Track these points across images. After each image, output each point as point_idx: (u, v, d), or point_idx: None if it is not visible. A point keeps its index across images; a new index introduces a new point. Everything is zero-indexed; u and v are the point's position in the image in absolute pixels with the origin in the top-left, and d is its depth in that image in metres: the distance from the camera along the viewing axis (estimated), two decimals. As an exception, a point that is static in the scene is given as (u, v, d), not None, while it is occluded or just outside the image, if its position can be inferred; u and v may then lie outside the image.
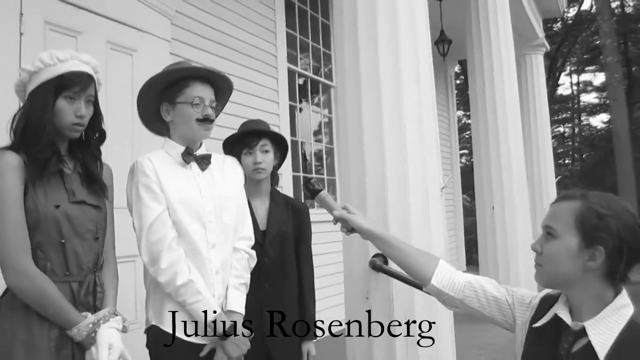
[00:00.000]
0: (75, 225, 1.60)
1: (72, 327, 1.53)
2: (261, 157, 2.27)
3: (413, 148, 2.75)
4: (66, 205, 1.59)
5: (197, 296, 1.75)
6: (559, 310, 1.34)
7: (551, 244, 1.33)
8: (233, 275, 1.91)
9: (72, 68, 1.62)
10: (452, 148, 10.10)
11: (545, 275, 1.36)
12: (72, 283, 1.59)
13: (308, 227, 2.49)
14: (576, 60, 25.92)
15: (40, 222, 1.54)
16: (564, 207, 1.33)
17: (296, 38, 5.71)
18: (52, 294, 1.51)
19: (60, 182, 1.61)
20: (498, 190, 5.81)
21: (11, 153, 1.55)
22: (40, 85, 1.60)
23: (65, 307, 1.53)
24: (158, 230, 1.76)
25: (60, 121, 1.62)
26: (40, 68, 1.60)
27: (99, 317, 1.58)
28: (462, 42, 7.09)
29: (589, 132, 26.84)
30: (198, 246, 1.81)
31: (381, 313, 2.67)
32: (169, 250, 1.75)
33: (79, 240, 1.61)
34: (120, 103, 3.18)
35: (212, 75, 1.93)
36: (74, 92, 1.62)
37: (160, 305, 1.82)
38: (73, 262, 1.59)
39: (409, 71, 2.80)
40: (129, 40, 3.39)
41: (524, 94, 8.54)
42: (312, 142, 6.11)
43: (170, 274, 1.74)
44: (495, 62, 5.90)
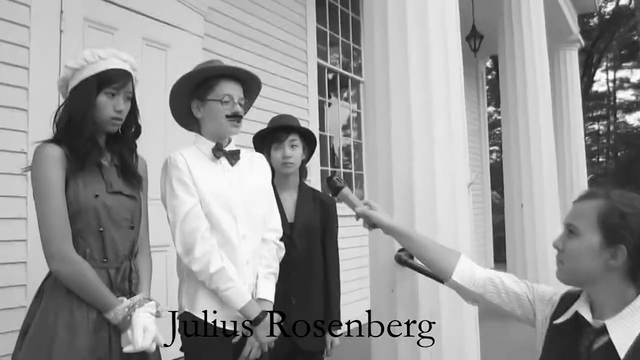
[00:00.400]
0: (113, 214, 1.68)
1: (110, 310, 1.61)
2: (290, 152, 2.34)
3: (441, 144, 2.76)
4: (104, 196, 1.67)
5: (229, 283, 1.82)
6: (580, 308, 1.35)
7: (573, 241, 1.34)
8: (263, 264, 1.97)
9: (113, 66, 1.71)
10: (482, 144, 10.00)
11: (566, 272, 1.37)
12: (110, 269, 1.68)
13: (335, 221, 2.55)
14: (613, 56, 25.25)
15: (80, 211, 1.62)
16: (586, 206, 1.34)
17: (326, 33, 5.74)
18: (92, 279, 1.60)
19: (98, 174, 1.70)
20: (527, 188, 5.74)
21: (53, 146, 1.64)
22: (83, 81, 1.68)
23: (104, 292, 1.62)
24: (191, 221, 1.83)
25: (101, 115, 1.70)
26: (83, 65, 1.68)
27: (134, 302, 1.66)
28: (494, 37, 7.01)
29: (625, 129, 26.15)
30: (229, 237, 1.88)
31: (406, 307, 2.69)
32: (202, 240, 1.82)
33: (116, 228, 1.69)
34: (154, 97, 3.27)
35: (241, 73, 1.99)
36: (114, 88, 1.70)
37: (193, 293, 1.89)
38: (110, 249, 1.67)
39: (438, 67, 2.80)
40: (163, 36, 3.48)
41: (557, 90, 8.40)
42: (341, 137, 6.14)
43: (204, 262, 1.81)
44: (527, 57, 5.82)
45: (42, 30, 2.82)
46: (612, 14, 22.54)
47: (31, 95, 2.73)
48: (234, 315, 1.87)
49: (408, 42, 2.80)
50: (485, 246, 9.83)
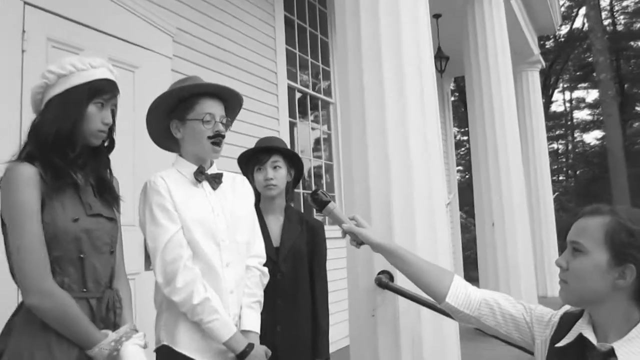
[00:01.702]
0: (94, 239, 1.55)
1: (94, 347, 1.46)
2: (272, 174, 2.28)
3: (418, 164, 2.74)
4: (84, 219, 1.54)
5: (214, 315, 1.72)
6: (584, 330, 1.30)
7: (578, 260, 1.28)
8: (246, 294, 1.88)
9: (104, 75, 1.60)
10: (449, 165, 10.11)
11: (571, 292, 1.31)
12: (90, 299, 1.54)
13: (323, 245, 2.48)
14: (569, 77, 26.15)
15: (58, 237, 1.48)
16: (592, 223, 1.29)
17: (296, 55, 5.72)
18: (74, 313, 1.45)
19: (75, 195, 1.56)
20: (498, 206, 5.80)
21: (26, 165, 1.48)
22: (72, 89, 1.55)
23: (88, 327, 1.47)
24: (173, 249, 1.73)
25: (88, 127, 1.57)
26: (71, 72, 1.55)
27: (120, 335, 1.52)
28: (458, 59, 7.14)
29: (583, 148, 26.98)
30: (213, 265, 1.79)
31: (387, 330, 2.64)
32: (185, 269, 1.73)
33: (97, 254, 1.56)
34: (122, 119, 3.16)
35: (223, 91, 1.91)
36: (104, 99, 1.60)
37: (173, 325, 1.78)
38: (91, 278, 1.54)
39: (413, 86, 2.80)
40: (131, 57, 3.38)
41: (520, 110, 8.57)
42: (312, 158, 6.09)
43: (187, 292, 1.71)
44: (493, 78, 5.93)
45: (2, 50, 2.69)
46: (566, 37, 23.38)
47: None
48: (218, 349, 1.76)
49: (382, 61, 2.79)
50: (455, 265, 9.86)
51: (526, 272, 5.71)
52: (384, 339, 2.64)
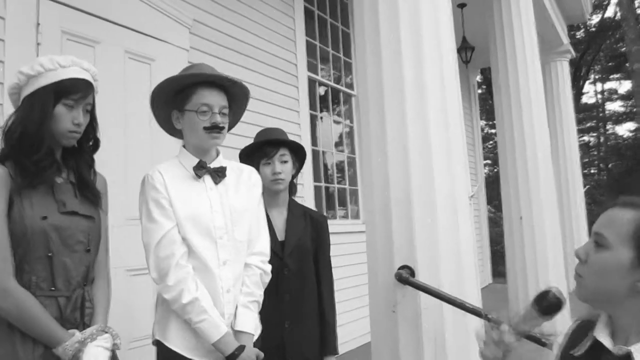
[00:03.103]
0: (65, 237, 1.53)
1: (58, 346, 1.45)
2: (280, 168, 2.21)
3: (439, 156, 2.65)
4: (55, 217, 1.52)
5: (203, 315, 1.68)
6: (599, 333, 1.18)
7: (600, 254, 1.15)
8: (243, 293, 1.82)
9: (73, 75, 1.57)
10: (476, 158, 9.92)
11: (585, 288, 1.18)
12: (59, 298, 1.52)
13: (327, 238, 2.43)
14: (600, 68, 25.49)
15: (25, 234, 1.47)
16: (622, 215, 1.15)
17: (316, 47, 5.64)
18: (35, 312, 1.45)
19: (49, 193, 1.55)
20: (525, 200, 5.63)
21: None
22: (39, 89, 1.53)
23: (50, 325, 1.46)
24: (166, 246, 1.70)
25: (57, 128, 1.56)
26: (39, 72, 1.54)
27: (85, 335, 1.50)
28: (485, 49, 6.96)
29: (615, 141, 26.30)
30: (208, 263, 1.74)
31: (408, 327, 2.56)
32: (177, 267, 1.69)
33: (68, 252, 1.54)
34: (139, 112, 3.13)
35: (223, 80, 1.83)
36: (74, 99, 1.57)
37: (165, 322, 1.76)
38: (60, 276, 1.52)
39: (434, 78, 2.71)
40: (147, 49, 3.35)
41: (549, 101, 8.34)
42: (334, 152, 6.01)
43: (177, 291, 1.68)
44: (520, 68, 5.75)
45: (17, 43, 2.68)
46: (598, 26, 22.76)
47: (6, 111, 2.58)
48: (208, 348, 1.71)
49: (402, 53, 2.70)
50: (483, 260, 9.69)
51: (555, 267, 5.54)
52: (405, 336, 2.56)
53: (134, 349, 2.97)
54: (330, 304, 2.35)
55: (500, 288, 8.35)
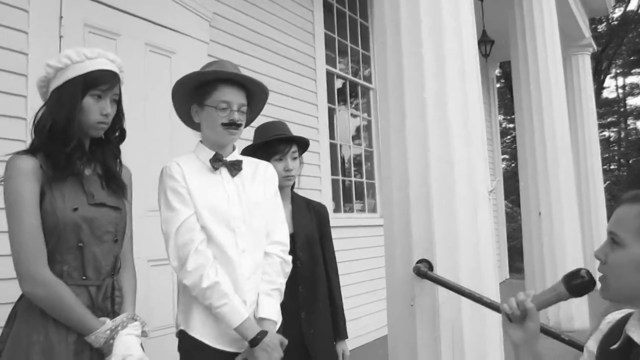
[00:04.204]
0: (94, 228, 1.56)
1: (90, 334, 1.49)
2: (292, 164, 2.25)
3: (459, 149, 2.64)
4: (85, 208, 1.55)
5: (223, 299, 1.68)
6: (630, 328, 1.17)
7: (616, 253, 1.16)
8: (265, 280, 1.83)
9: (100, 66, 1.59)
10: (494, 152, 9.84)
11: (609, 288, 1.18)
12: (90, 287, 1.55)
13: (329, 227, 2.47)
14: (622, 62, 25.04)
15: (57, 226, 1.50)
16: (629, 211, 1.16)
17: (335, 40, 5.63)
18: (68, 301, 1.47)
19: (78, 184, 1.57)
20: (544, 196, 5.58)
21: (25, 157, 1.51)
22: (67, 82, 1.55)
23: (82, 314, 1.49)
24: (185, 233, 1.72)
25: (86, 119, 1.58)
26: (67, 64, 1.55)
27: (116, 324, 1.53)
28: (504, 43, 6.88)
29: (636, 136, 25.87)
30: (227, 251, 1.75)
31: (426, 320, 2.56)
32: (196, 253, 1.70)
33: (97, 243, 1.57)
34: (159, 104, 3.16)
35: (244, 80, 1.86)
36: (101, 90, 1.58)
37: (188, 311, 1.77)
38: (91, 266, 1.55)
39: (454, 72, 2.69)
40: (168, 42, 3.37)
41: (570, 95, 8.23)
42: (351, 145, 6.00)
43: (197, 276, 1.69)
44: (541, 62, 5.68)
45: (41, 36, 2.72)
46: (620, 19, 22.36)
47: (30, 103, 2.62)
48: (232, 335, 1.73)
49: (422, 46, 2.68)
50: (500, 256, 9.63)
51: (574, 263, 5.48)
52: (422, 329, 2.57)
53: (154, 339, 3.00)
54: (338, 290, 2.40)
55: (517, 284, 8.30)
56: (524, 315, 1.29)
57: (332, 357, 2.29)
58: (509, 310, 1.30)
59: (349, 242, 4.95)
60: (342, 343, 2.36)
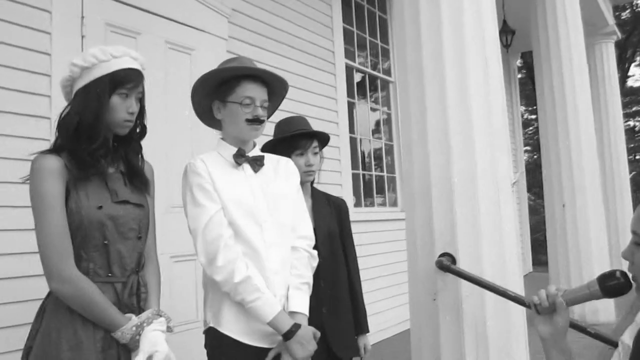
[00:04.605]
0: (119, 226, 1.57)
1: (116, 330, 1.51)
2: (313, 160, 2.24)
3: (481, 142, 2.61)
4: (109, 206, 1.56)
5: (256, 293, 1.68)
6: None
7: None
8: (294, 274, 1.83)
9: (126, 65, 1.60)
10: (516, 144, 9.72)
11: None
12: (116, 284, 1.57)
13: (349, 221, 2.46)
14: (647, 50, 24.48)
15: (82, 224, 1.51)
16: None
17: (353, 33, 5.61)
18: (95, 298, 1.49)
19: (102, 183, 1.58)
20: (568, 187, 5.50)
21: (50, 156, 1.53)
22: (95, 81, 1.56)
23: (109, 311, 1.51)
24: (214, 229, 1.71)
25: (113, 118, 1.59)
26: (93, 64, 1.56)
27: (142, 320, 1.54)
28: (525, 33, 6.77)
29: (662, 125, 25.30)
30: (255, 245, 1.75)
31: (449, 315, 2.54)
32: (226, 248, 1.70)
33: (122, 240, 1.58)
34: (179, 102, 3.18)
35: (265, 75, 1.86)
36: (128, 89, 1.60)
37: (218, 306, 1.77)
38: (116, 263, 1.57)
39: (476, 63, 2.66)
40: (187, 39, 3.40)
41: (594, 85, 8.08)
42: (371, 139, 5.98)
43: (227, 271, 1.68)
44: (563, 51, 5.58)
45: (63, 36, 2.75)
46: (645, 7, 21.84)
47: (54, 103, 2.66)
48: (263, 330, 1.73)
49: (443, 38, 2.65)
50: (523, 249, 9.53)
51: (599, 256, 5.40)
52: (445, 324, 2.55)
53: (177, 334, 3.03)
54: (359, 285, 2.39)
55: (540, 277, 8.20)
56: (553, 309, 1.28)
57: (353, 351, 2.29)
58: (538, 301, 1.30)
59: (370, 237, 4.94)
60: (364, 337, 2.35)
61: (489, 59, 2.71)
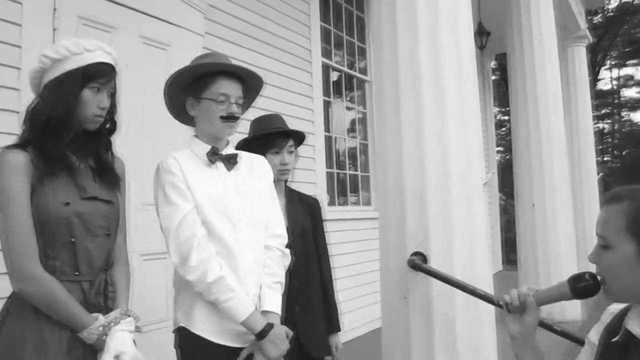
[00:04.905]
0: (87, 223, 1.54)
1: (83, 330, 1.47)
2: (288, 158, 2.24)
3: (455, 142, 2.64)
4: (77, 203, 1.53)
5: (229, 293, 1.67)
6: (628, 321, 1.19)
7: (607, 255, 1.17)
8: (267, 273, 1.83)
9: (99, 59, 1.57)
10: (489, 144, 9.85)
11: (609, 291, 1.20)
12: (83, 282, 1.53)
13: (322, 221, 2.46)
14: (617, 54, 25.07)
15: (49, 221, 1.48)
16: (612, 211, 1.17)
17: (331, 32, 5.61)
18: (60, 298, 1.46)
19: (70, 178, 1.55)
20: (538, 188, 5.60)
21: (15, 151, 1.49)
22: (66, 74, 1.53)
23: (75, 310, 1.47)
24: (187, 228, 1.70)
25: (84, 112, 1.55)
26: (65, 56, 1.52)
27: (109, 319, 1.51)
28: (500, 35, 6.87)
29: (630, 128, 25.95)
30: (229, 244, 1.74)
31: (420, 313, 2.58)
32: (199, 248, 1.69)
33: (90, 238, 1.55)
34: (153, 98, 3.14)
35: (241, 71, 1.85)
36: (100, 83, 1.56)
37: (189, 306, 1.75)
38: (84, 261, 1.53)
39: (451, 63, 2.69)
40: (163, 34, 3.36)
41: (565, 87, 8.22)
42: (346, 138, 6.00)
43: (201, 271, 1.67)
44: (537, 53, 5.68)
45: (34, 28, 2.70)
46: (616, 11, 22.36)
47: (23, 96, 2.60)
48: (236, 330, 1.72)
49: (419, 38, 2.68)
50: (494, 248, 9.68)
51: (567, 255, 5.52)
52: (416, 322, 2.58)
53: (147, 333, 3.00)
54: (331, 284, 2.40)
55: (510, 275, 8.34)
56: (523, 308, 1.31)
57: (325, 350, 2.30)
58: (509, 300, 1.32)
59: (343, 235, 4.96)
60: (335, 336, 2.36)
61: (463, 60, 2.74)
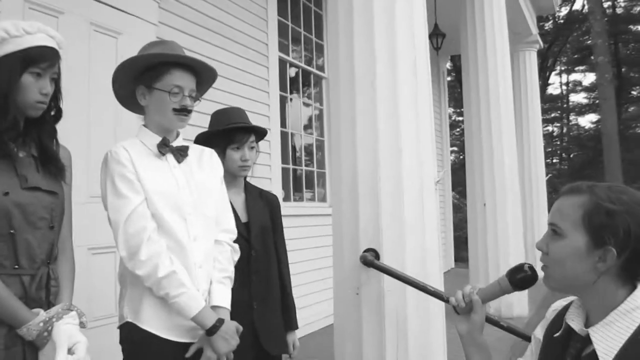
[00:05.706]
0: (28, 214, 1.46)
1: (22, 326, 1.40)
2: (249, 154, 2.20)
3: (408, 140, 2.67)
4: (17, 193, 1.45)
5: (181, 288, 1.63)
6: (569, 316, 1.23)
7: (557, 243, 1.20)
8: (217, 269, 1.80)
9: (40, 42, 1.48)
10: (443, 144, 10.04)
11: (552, 278, 1.23)
12: (23, 276, 1.45)
13: (280, 217, 2.44)
14: (566, 60, 26.00)
15: None
16: (569, 203, 1.20)
17: (288, 27, 5.58)
18: None
19: (10, 167, 1.47)
20: (490, 187, 5.75)
21: None
22: (3, 57, 1.45)
23: (13, 305, 1.40)
24: (137, 221, 1.65)
25: (24, 98, 1.47)
26: (4, 38, 1.44)
27: (51, 315, 1.44)
28: (455, 37, 7.00)
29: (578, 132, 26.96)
30: (179, 239, 1.70)
31: (371, 309, 2.60)
32: (149, 242, 1.64)
33: (31, 230, 1.47)
34: (102, 87, 3.04)
35: (197, 64, 1.81)
36: (42, 68, 1.48)
37: (137, 301, 1.70)
38: (24, 254, 1.45)
39: (405, 62, 2.72)
40: (114, 22, 3.26)
41: (516, 90, 8.47)
42: (303, 134, 5.99)
43: (151, 266, 1.62)
44: (490, 56, 5.82)
45: (-24, 10, 2.57)
46: (565, 19, 23.16)
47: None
48: (185, 325, 1.69)
49: (375, 36, 2.70)
50: (446, 245, 9.87)
51: (516, 252, 5.69)
52: (368, 318, 2.60)
53: (94, 329, 2.92)
54: (289, 281, 2.38)
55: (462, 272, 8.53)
56: (470, 307, 1.35)
57: (282, 347, 2.28)
58: (456, 302, 1.35)
59: (298, 231, 4.95)
60: (293, 333, 2.34)
61: (418, 59, 2.77)
